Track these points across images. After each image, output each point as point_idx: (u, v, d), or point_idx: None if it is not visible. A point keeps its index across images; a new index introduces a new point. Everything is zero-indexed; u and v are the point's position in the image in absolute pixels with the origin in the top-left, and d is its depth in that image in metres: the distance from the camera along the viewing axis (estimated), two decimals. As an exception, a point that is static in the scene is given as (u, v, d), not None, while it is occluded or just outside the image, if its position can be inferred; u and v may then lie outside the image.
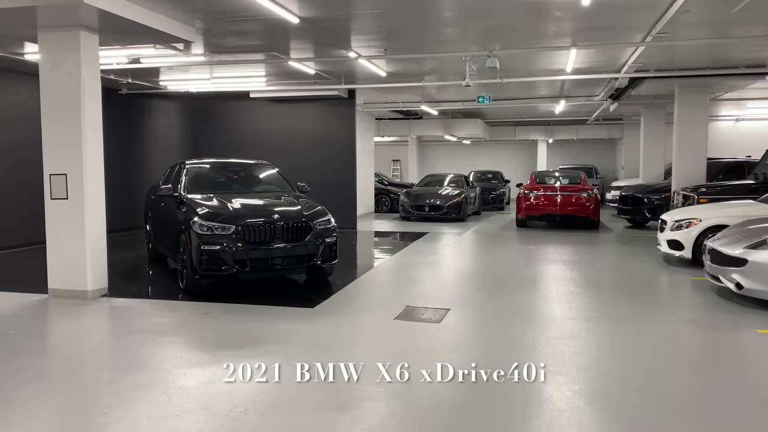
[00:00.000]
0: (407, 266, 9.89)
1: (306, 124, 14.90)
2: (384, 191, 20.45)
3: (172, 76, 12.68)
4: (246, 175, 9.40)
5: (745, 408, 4.17)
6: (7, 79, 11.35)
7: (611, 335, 5.88)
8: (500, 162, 28.33)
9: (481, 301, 7.42)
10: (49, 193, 7.44)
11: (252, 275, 7.57)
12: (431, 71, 12.17)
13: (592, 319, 6.46)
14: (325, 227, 7.89)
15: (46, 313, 6.80)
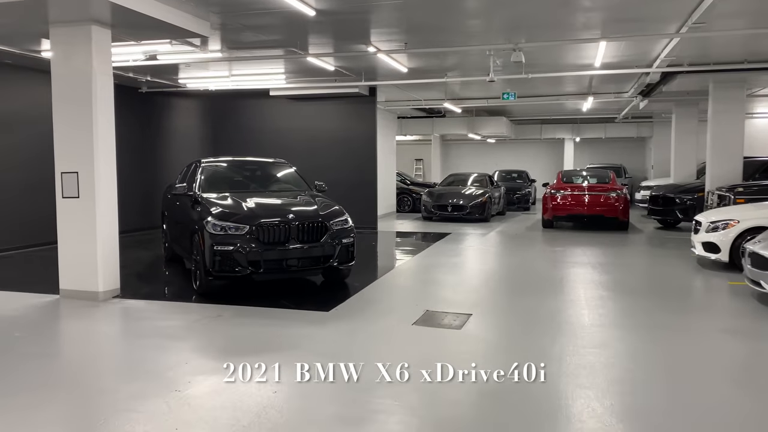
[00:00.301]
0: (428, 268, 9.56)
1: (326, 122, 14.66)
2: (406, 191, 20.13)
3: (191, 73, 12.53)
4: (262, 174, 9.16)
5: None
6: (29, 78, 11.27)
7: (645, 344, 5.48)
8: (526, 161, 27.82)
9: (504, 306, 7.06)
10: (60, 192, 7.28)
11: (266, 277, 7.32)
12: (454, 67, 11.81)
13: (623, 326, 6.07)
14: (341, 228, 7.61)
15: (54, 315, 6.62)
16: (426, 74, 12.31)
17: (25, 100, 11.25)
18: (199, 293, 7.42)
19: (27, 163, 11.14)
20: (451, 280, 8.55)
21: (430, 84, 13.88)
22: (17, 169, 11.00)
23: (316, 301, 7.20)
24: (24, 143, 11.09)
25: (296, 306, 6.84)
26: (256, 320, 6.29)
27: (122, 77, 12.42)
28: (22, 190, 11.13)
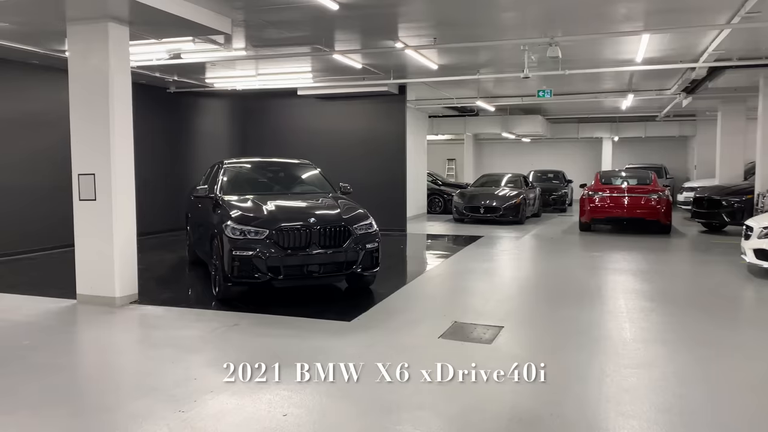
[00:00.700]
0: (458, 274, 9.13)
1: (355, 121, 14.33)
2: (437, 191, 19.68)
3: (217, 73, 12.33)
4: (286, 176, 8.86)
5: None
6: (56, 79, 11.20)
7: (695, 364, 4.97)
8: (562, 161, 27.06)
9: (539, 318, 6.60)
10: (77, 194, 7.09)
11: (286, 283, 6.99)
12: (487, 63, 11.34)
13: (670, 342, 5.56)
14: (366, 232, 7.25)
15: (67, 322, 6.41)
16: (457, 71, 11.87)
17: (52, 101, 11.18)
18: (219, 299, 7.16)
19: (55, 164, 11.07)
20: (481, 287, 8.11)
21: (462, 81, 13.42)
22: (47, 170, 10.93)
23: (337, 309, 6.85)
24: (52, 144, 11.02)
25: (316, 315, 6.50)
26: (273, 330, 5.96)
27: (149, 77, 12.32)
28: (49, 191, 11.05)
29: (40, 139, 10.84)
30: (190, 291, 7.98)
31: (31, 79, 10.75)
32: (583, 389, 4.37)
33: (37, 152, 10.83)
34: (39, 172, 10.84)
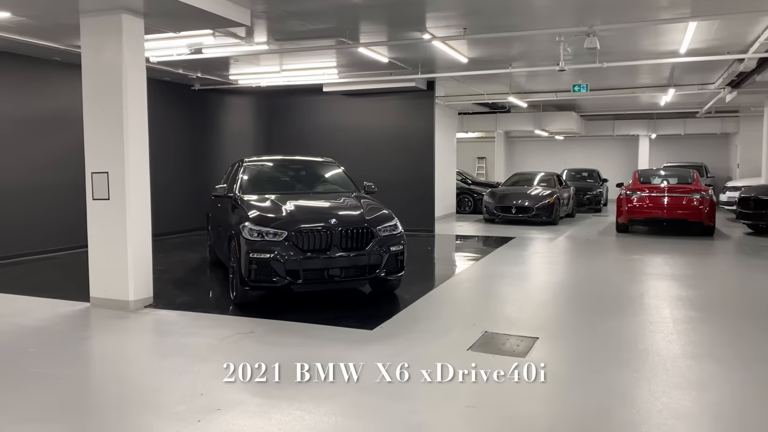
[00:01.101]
0: (488, 278, 8.65)
1: (382, 119, 13.92)
2: (467, 191, 19.16)
3: (241, 69, 12.05)
4: (308, 174, 8.49)
5: None
6: (79, 76, 11.05)
7: (757, 385, 4.43)
8: (597, 159, 26.27)
9: (576, 328, 6.09)
10: (90, 193, 6.83)
11: (306, 288, 6.63)
12: (519, 56, 10.82)
13: (723, 359, 5.02)
14: (390, 234, 6.84)
15: (76, 326, 6.13)
16: (488, 65, 11.36)
17: (77, 98, 11.01)
18: (236, 303, 6.84)
19: (80, 162, 10.93)
20: (514, 293, 7.62)
21: (493, 76, 12.89)
22: (74, 168, 10.75)
23: (359, 316, 6.45)
24: (79, 142, 10.85)
25: (337, 322, 6.12)
26: (289, 339, 5.59)
27: (173, 74, 12.11)
28: (76, 190, 10.89)
29: (66, 137, 10.64)
30: (208, 294, 7.66)
31: (55, 76, 10.57)
32: (629, 414, 3.89)
33: (66, 150, 10.62)
34: (67, 170, 10.68)
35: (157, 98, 12.93)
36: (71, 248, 10.75)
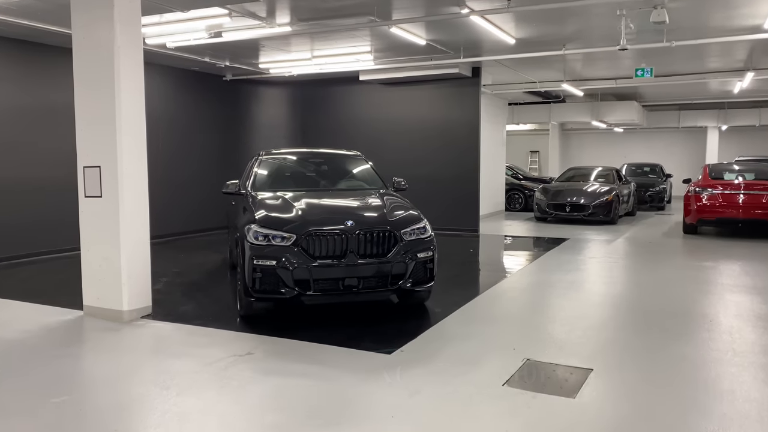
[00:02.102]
0: (536, 288, 7.57)
1: (422, 109, 12.90)
2: (517, 187, 17.94)
3: (271, 57, 11.27)
4: (330, 169, 7.60)
5: None
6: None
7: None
8: (660, 153, 24.47)
9: (639, 356, 4.97)
10: (82, 190, 6.11)
11: (318, 300, 5.75)
12: (574, 36, 9.60)
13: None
14: (417, 238, 5.87)
15: (56, 341, 5.40)
16: (539, 47, 10.19)
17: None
18: (242, 315, 6.02)
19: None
20: (564, 308, 6.53)
21: (544, 60, 11.69)
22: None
23: (379, 333, 5.52)
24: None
25: (351, 341, 5.21)
26: (289, 365, 4.70)
27: (201, 63, 11.47)
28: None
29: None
30: (215, 303, 6.83)
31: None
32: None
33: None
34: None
35: (186, 89, 12.36)
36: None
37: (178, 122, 12.19)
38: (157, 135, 11.70)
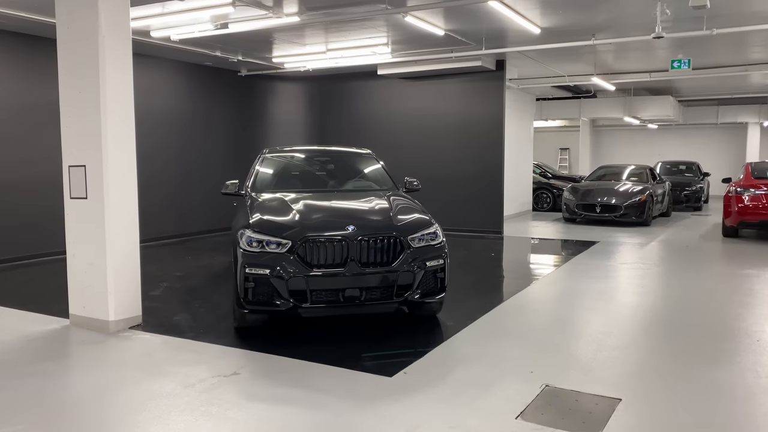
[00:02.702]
0: (561, 299, 6.95)
1: (444, 104, 12.30)
2: (545, 186, 17.21)
3: (284, 50, 10.81)
4: (336, 168, 7.08)
5: None
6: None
7: None
8: (697, 151, 23.41)
9: (676, 383, 4.34)
10: (68, 190, 5.71)
11: (316, 312, 5.24)
12: (604, 25, 8.91)
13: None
14: (427, 245, 5.33)
15: (31, 355, 4.98)
16: (566, 37, 9.51)
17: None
18: (236, 327, 5.56)
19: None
20: (591, 323, 5.90)
21: (573, 52, 10.99)
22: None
23: (382, 350, 4.99)
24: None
25: (350, 360, 4.69)
26: (278, 389, 4.20)
27: (213, 57, 11.06)
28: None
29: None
30: (210, 313, 6.34)
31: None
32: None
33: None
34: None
35: (200, 85, 11.99)
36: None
37: (192, 119, 11.83)
38: (171, 132, 11.39)
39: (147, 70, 10.97)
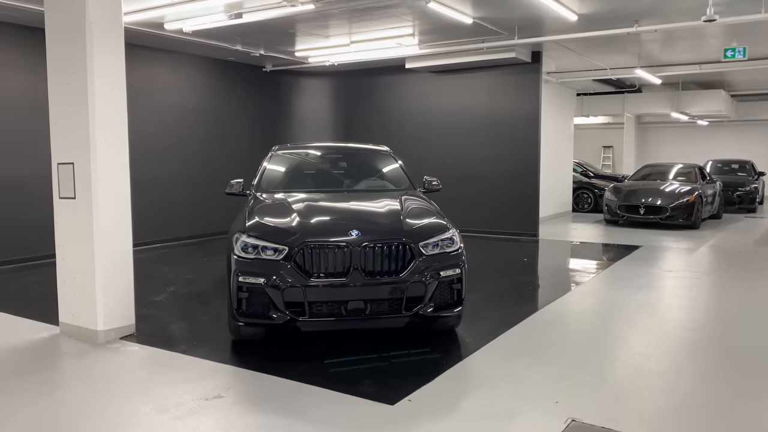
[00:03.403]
0: (596, 312, 6.27)
1: (475, 99, 11.64)
2: (586, 185, 16.33)
3: (307, 44, 10.36)
4: (350, 167, 6.56)
5: None
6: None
7: None
8: (751, 149, 22.07)
9: (727, 422, 3.65)
10: (56, 190, 5.33)
11: (315, 326, 4.72)
12: (649, 9, 8.11)
13: None
14: (441, 252, 4.76)
15: (8, 367, 4.60)
16: (607, 24, 8.74)
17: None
18: (233, 340, 5.09)
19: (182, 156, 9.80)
20: (629, 342, 5.22)
21: (614, 41, 10.19)
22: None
23: (387, 371, 4.44)
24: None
25: (348, 383, 4.15)
26: (262, 417, 3.69)
27: (234, 52, 10.71)
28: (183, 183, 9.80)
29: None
30: (212, 321, 5.91)
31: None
32: None
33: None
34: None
35: (223, 80, 11.64)
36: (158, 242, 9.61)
37: (215, 116, 11.51)
38: (192, 129, 11.06)
39: (168, 66, 10.69)
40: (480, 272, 8.12)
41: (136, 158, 10.19)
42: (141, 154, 10.10)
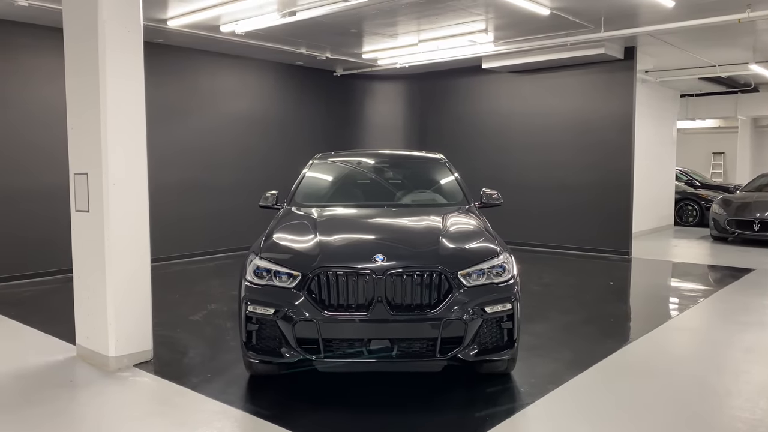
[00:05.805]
0: (690, 356, 5.15)
1: (560, 101, 10.54)
2: (691, 196, 14.64)
3: (373, 45, 9.76)
4: (395, 178, 5.78)
5: None
6: (170, 55, 9.63)
7: None
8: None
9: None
10: (73, 202, 4.95)
11: (333, 367, 4.01)
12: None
13: None
14: (488, 282, 3.92)
15: (8, 395, 4.21)
16: (711, 10, 7.46)
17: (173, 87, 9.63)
18: (250, 375, 4.48)
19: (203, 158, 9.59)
20: (732, 398, 4.12)
21: (722, 31, 8.76)
22: (177, 166, 9.43)
23: (419, 423, 3.64)
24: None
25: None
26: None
27: (300, 56, 10.30)
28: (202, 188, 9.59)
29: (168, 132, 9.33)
30: (236, 350, 5.31)
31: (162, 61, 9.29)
32: None
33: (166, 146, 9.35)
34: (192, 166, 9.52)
35: (292, 86, 11.27)
36: (169, 258, 9.42)
37: (282, 123, 11.14)
38: (260, 137, 10.74)
39: (237, 71, 10.41)
40: (552, 297, 7.13)
41: (202, 166, 10.15)
42: (206, 161, 9.89)
